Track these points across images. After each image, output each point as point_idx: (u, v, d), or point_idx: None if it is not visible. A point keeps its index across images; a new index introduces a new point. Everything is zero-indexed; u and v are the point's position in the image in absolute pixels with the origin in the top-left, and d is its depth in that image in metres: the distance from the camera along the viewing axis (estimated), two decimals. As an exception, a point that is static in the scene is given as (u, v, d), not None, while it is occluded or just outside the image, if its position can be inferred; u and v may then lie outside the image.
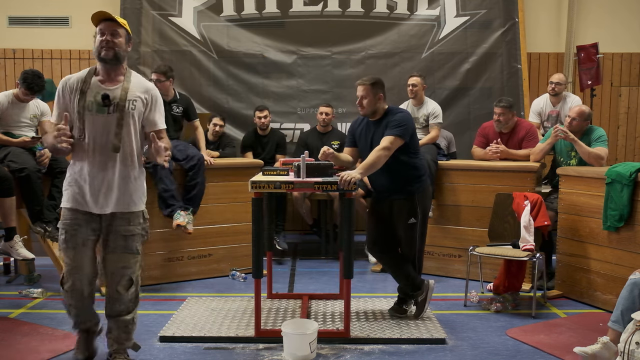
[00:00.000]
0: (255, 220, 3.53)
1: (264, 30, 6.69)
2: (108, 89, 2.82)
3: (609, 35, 6.98)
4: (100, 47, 2.77)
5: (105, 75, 2.84)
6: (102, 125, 2.81)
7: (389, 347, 3.51)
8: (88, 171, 2.83)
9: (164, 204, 4.69)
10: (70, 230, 2.87)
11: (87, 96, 2.78)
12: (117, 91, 2.83)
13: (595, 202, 4.26)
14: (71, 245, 2.87)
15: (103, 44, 2.77)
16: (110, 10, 2.91)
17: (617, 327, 3.07)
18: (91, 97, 2.79)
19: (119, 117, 2.82)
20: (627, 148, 7.23)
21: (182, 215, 4.63)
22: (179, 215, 4.63)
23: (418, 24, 6.70)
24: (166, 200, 4.68)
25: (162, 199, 4.68)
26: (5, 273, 5.17)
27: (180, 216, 4.62)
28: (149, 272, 4.85)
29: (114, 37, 2.80)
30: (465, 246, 4.64)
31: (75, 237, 2.87)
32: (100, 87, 2.82)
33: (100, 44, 2.77)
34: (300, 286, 4.91)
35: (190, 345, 3.52)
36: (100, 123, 2.80)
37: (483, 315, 4.13)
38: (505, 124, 5.04)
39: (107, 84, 2.84)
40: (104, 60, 2.80)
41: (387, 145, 3.63)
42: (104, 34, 2.77)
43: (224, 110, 6.54)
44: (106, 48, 2.78)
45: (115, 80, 2.86)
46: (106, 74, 2.84)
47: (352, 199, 3.56)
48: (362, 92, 3.78)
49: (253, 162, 5.43)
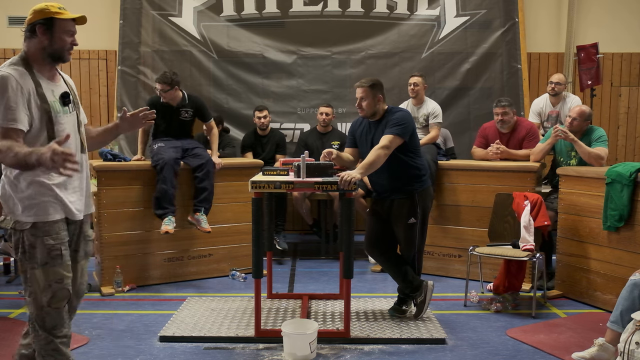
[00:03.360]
0: (255, 220, 3.53)
1: (264, 30, 6.69)
2: (56, 85, 2.59)
3: (609, 35, 6.98)
4: (67, 49, 2.56)
5: (47, 73, 2.57)
6: (69, 126, 2.58)
7: (389, 347, 3.51)
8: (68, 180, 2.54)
9: (158, 204, 4.66)
10: (66, 243, 2.55)
11: (47, 97, 2.50)
12: (63, 87, 2.62)
13: (595, 202, 4.26)
14: (67, 259, 2.55)
15: (70, 47, 2.58)
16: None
17: (615, 328, 3.08)
18: (51, 97, 2.52)
19: (77, 114, 2.64)
20: (627, 148, 7.23)
21: (172, 222, 4.61)
22: (170, 221, 4.61)
23: (418, 24, 6.70)
24: (161, 202, 4.65)
25: (157, 200, 4.65)
26: (5, 273, 5.17)
27: (170, 223, 4.60)
28: (149, 272, 4.85)
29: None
30: (465, 246, 4.65)
31: (68, 250, 2.57)
32: (49, 84, 2.56)
33: (70, 46, 2.56)
34: (300, 286, 4.91)
35: (190, 345, 3.52)
36: (66, 124, 2.56)
37: (483, 315, 4.13)
38: (509, 122, 5.04)
39: (50, 81, 2.58)
40: (63, 61, 2.59)
41: (386, 144, 3.63)
42: (73, 35, 2.58)
43: (223, 110, 6.54)
44: (71, 51, 2.60)
45: (56, 77, 2.62)
46: (49, 71, 2.58)
47: (352, 199, 3.56)
48: (361, 94, 3.78)
49: (253, 162, 5.43)
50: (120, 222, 4.71)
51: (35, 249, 2.46)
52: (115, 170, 4.72)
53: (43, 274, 2.46)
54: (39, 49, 2.50)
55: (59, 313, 2.53)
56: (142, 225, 4.80)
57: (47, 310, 2.49)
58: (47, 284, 2.47)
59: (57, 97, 2.53)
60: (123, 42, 6.54)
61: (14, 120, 2.35)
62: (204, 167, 4.82)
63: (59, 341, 2.54)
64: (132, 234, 4.77)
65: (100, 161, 4.83)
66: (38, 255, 2.46)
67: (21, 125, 2.37)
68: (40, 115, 2.46)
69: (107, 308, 4.26)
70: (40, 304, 2.48)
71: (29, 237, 2.46)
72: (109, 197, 4.67)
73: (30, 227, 2.45)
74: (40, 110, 2.46)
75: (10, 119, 2.34)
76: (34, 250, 2.45)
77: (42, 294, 2.48)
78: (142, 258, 4.82)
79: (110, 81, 6.99)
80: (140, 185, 4.78)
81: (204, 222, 4.74)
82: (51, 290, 2.48)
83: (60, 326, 2.54)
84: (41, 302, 2.48)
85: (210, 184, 4.83)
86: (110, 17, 6.72)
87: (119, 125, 2.83)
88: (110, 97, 7.00)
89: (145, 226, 4.81)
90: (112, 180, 4.70)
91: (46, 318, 2.50)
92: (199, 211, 4.75)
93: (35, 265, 2.47)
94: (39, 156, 2.21)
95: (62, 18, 2.49)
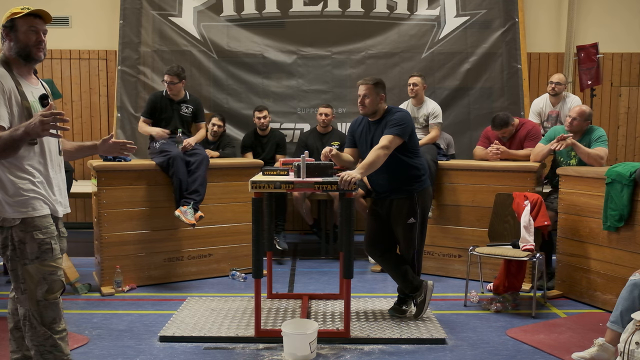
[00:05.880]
0: (255, 220, 3.53)
1: (264, 30, 6.69)
2: (35, 87, 2.63)
3: (609, 35, 6.99)
4: (33, 45, 2.55)
5: (26, 75, 2.61)
6: None
7: (389, 347, 3.51)
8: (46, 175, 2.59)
9: (180, 196, 4.72)
10: (55, 237, 2.59)
11: (28, 97, 2.54)
12: (41, 90, 2.66)
13: (595, 202, 4.26)
14: (57, 252, 2.60)
15: (40, 45, 2.58)
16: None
17: (615, 328, 3.08)
18: (31, 98, 2.56)
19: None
20: (627, 148, 7.23)
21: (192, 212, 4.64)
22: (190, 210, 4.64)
23: (418, 24, 6.69)
24: (182, 193, 4.71)
25: (178, 192, 4.72)
26: (5, 273, 5.17)
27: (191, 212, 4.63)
28: (149, 272, 4.85)
29: (44, 36, 2.62)
30: (465, 246, 4.65)
31: (57, 244, 2.62)
32: (28, 86, 2.60)
33: (35, 42, 2.56)
34: (300, 286, 4.91)
35: (190, 345, 3.52)
36: None
37: (483, 315, 4.13)
38: (510, 134, 5.08)
39: (29, 83, 2.62)
40: (35, 59, 2.60)
41: (386, 144, 3.63)
42: (39, 32, 2.58)
43: (224, 110, 6.54)
44: (42, 48, 2.60)
45: (34, 80, 2.66)
46: (27, 73, 2.62)
47: (352, 199, 3.56)
48: (365, 92, 3.78)
49: (253, 162, 5.43)
50: (120, 222, 4.71)
51: (26, 244, 2.49)
52: (115, 170, 4.72)
53: (36, 269, 2.50)
54: (9, 50, 2.56)
55: (56, 305, 2.57)
56: (142, 225, 4.80)
57: (44, 303, 2.53)
58: (41, 278, 2.52)
59: (36, 97, 2.59)
60: (123, 42, 6.54)
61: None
62: (197, 159, 4.83)
63: (58, 337, 2.57)
64: (132, 234, 4.77)
65: (100, 161, 4.83)
66: (29, 251, 2.50)
67: (2, 121, 2.42)
68: (20, 112, 2.50)
69: (107, 308, 4.26)
70: (37, 299, 2.51)
71: (18, 234, 2.49)
72: (109, 197, 4.67)
73: (20, 223, 2.49)
74: (21, 107, 2.50)
75: None
76: (24, 246, 2.49)
77: (37, 287, 2.51)
78: (142, 258, 4.82)
79: (110, 81, 6.99)
80: (141, 185, 4.78)
81: (190, 215, 4.63)
82: (46, 283, 2.52)
83: (58, 320, 2.58)
84: (37, 296, 2.51)
85: (201, 176, 4.80)
86: (110, 17, 6.72)
87: (98, 147, 2.91)
88: (110, 97, 7.00)
89: (145, 226, 4.81)
90: (112, 180, 4.70)
91: (44, 312, 2.53)
92: (187, 204, 4.67)
93: (27, 261, 2.50)
94: (26, 126, 2.31)
95: (21, 16, 2.55)
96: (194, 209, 4.67)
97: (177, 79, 5.07)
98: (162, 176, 4.82)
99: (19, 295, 2.54)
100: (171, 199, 4.80)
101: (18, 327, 2.72)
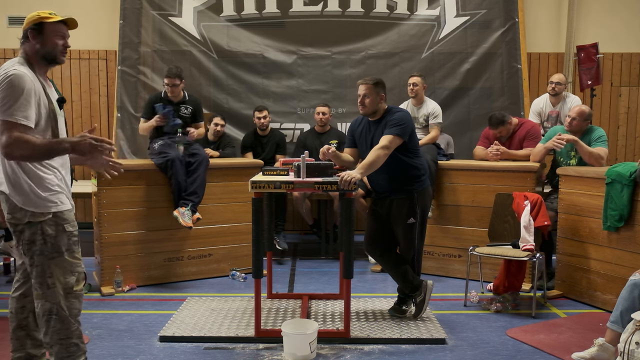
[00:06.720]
0: (255, 220, 3.53)
1: (264, 30, 6.69)
2: (50, 88, 2.71)
3: (609, 35, 6.99)
4: (60, 51, 2.67)
5: (44, 76, 2.70)
6: (62, 127, 2.74)
7: (389, 347, 3.51)
8: (64, 173, 2.71)
9: (179, 197, 4.73)
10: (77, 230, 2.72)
11: (50, 97, 2.64)
12: (54, 92, 2.76)
13: (595, 202, 4.26)
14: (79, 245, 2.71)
15: (65, 50, 2.70)
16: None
17: (615, 328, 3.08)
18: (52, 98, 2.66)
19: (65, 117, 2.79)
20: (627, 148, 7.23)
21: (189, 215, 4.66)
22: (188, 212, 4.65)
23: (418, 24, 6.69)
24: (181, 195, 4.73)
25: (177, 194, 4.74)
26: (5, 273, 5.17)
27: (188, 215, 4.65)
28: (149, 272, 4.85)
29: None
30: (465, 246, 4.65)
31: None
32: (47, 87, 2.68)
33: (62, 48, 2.68)
34: (300, 286, 4.91)
35: (190, 345, 3.52)
36: (61, 124, 2.72)
37: (483, 315, 4.13)
38: (508, 134, 5.07)
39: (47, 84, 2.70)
40: (58, 63, 2.71)
41: (386, 144, 3.63)
42: (65, 38, 2.71)
43: (224, 110, 6.54)
44: (65, 53, 2.72)
45: (48, 81, 2.76)
46: (44, 73, 2.71)
47: (352, 199, 3.56)
48: (365, 91, 3.78)
49: (253, 162, 5.43)
50: (120, 222, 4.71)
51: (57, 237, 2.55)
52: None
53: (66, 261, 2.58)
54: (34, 51, 2.62)
55: (82, 297, 2.67)
56: (142, 225, 4.80)
57: (74, 294, 2.61)
58: (69, 270, 2.59)
59: (54, 100, 2.65)
60: (123, 42, 6.54)
61: (26, 118, 2.44)
62: (197, 159, 4.83)
63: (80, 329, 2.67)
64: (132, 234, 4.77)
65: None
66: (61, 244, 2.56)
67: (31, 123, 2.47)
68: (47, 114, 2.58)
69: (107, 308, 4.26)
70: (67, 291, 2.58)
71: (51, 227, 2.54)
72: (109, 197, 4.67)
73: (52, 217, 2.55)
74: (47, 109, 2.58)
75: (23, 115, 2.43)
76: (56, 239, 2.55)
77: (67, 279, 2.58)
78: (142, 258, 4.82)
79: (110, 81, 6.99)
80: (141, 185, 4.78)
81: (188, 217, 4.65)
82: (73, 275, 2.61)
83: (80, 312, 2.67)
84: (67, 288, 2.59)
85: (201, 177, 4.81)
86: (110, 17, 6.72)
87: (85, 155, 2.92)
88: (110, 97, 7.00)
89: (145, 226, 4.81)
90: (112, 180, 4.62)
91: (72, 304, 2.62)
92: (185, 205, 4.69)
93: (56, 254, 2.56)
94: (73, 143, 2.47)
95: (51, 21, 2.63)
96: (191, 211, 4.69)
97: (178, 80, 5.07)
98: (162, 176, 4.82)
99: (44, 291, 2.57)
100: (171, 199, 4.80)
101: (22, 326, 2.75)
